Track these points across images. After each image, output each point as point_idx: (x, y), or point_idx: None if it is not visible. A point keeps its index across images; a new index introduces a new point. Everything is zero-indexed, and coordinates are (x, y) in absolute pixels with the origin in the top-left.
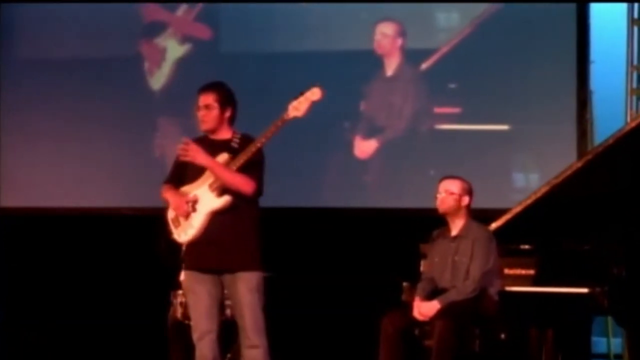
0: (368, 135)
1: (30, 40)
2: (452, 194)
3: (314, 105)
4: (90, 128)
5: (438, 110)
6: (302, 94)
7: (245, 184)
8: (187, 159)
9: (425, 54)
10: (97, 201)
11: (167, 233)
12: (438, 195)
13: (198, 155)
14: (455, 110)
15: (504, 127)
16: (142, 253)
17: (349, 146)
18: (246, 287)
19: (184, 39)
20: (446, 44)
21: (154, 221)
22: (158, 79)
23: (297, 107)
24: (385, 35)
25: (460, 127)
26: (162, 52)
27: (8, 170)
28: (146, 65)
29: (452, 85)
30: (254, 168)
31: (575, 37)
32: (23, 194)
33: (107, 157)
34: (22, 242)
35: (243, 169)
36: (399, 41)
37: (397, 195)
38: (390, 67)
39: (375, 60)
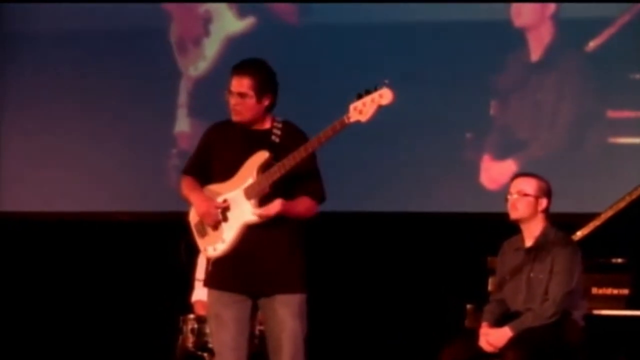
0: (502, 153)
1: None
2: (526, 195)
3: (405, 105)
4: (95, 122)
5: (614, 114)
6: (367, 92)
7: (310, 210)
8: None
9: (594, 26)
10: (96, 205)
11: (188, 237)
12: (509, 197)
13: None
14: None
15: None
16: (152, 264)
17: (473, 169)
18: (288, 312)
19: (245, 10)
20: (626, 12)
21: (166, 228)
22: (195, 62)
23: (361, 110)
24: None
25: None
26: (205, 20)
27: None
28: (174, 35)
29: (637, 76)
30: (313, 176)
31: None
32: (18, 196)
33: (114, 157)
34: (16, 249)
35: (298, 177)
36: (551, 7)
37: None
38: (538, 47)
39: (513, 37)
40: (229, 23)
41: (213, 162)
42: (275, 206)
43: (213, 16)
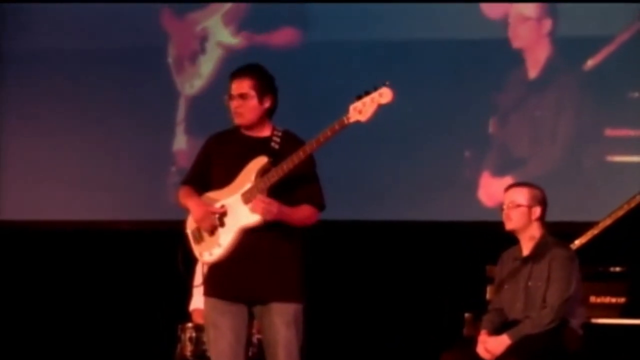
0: (501, 170)
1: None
2: (518, 206)
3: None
4: (94, 139)
5: (612, 132)
6: (367, 93)
7: (310, 218)
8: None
9: (591, 44)
10: (97, 214)
11: (186, 246)
12: (503, 209)
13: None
14: (639, 132)
15: None
16: (150, 273)
17: (471, 185)
18: (282, 321)
19: (238, 26)
20: (624, 31)
21: (165, 237)
22: (191, 80)
23: (361, 110)
24: (526, 18)
25: None
26: (202, 38)
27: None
28: (172, 53)
29: (635, 95)
30: (311, 182)
31: None
32: (18, 206)
33: (114, 175)
34: (16, 258)
35: (297, 182)
36: (547, 25)
37: None
38: (535, 65)
39: (512, 55)
40: (224, 40)
41: (212, 170)
42: (273, 205)
43: (209, 34)
